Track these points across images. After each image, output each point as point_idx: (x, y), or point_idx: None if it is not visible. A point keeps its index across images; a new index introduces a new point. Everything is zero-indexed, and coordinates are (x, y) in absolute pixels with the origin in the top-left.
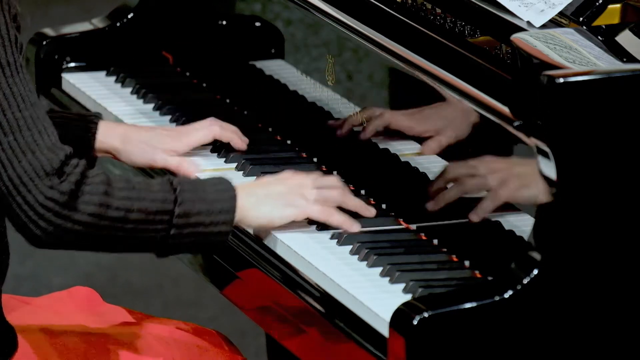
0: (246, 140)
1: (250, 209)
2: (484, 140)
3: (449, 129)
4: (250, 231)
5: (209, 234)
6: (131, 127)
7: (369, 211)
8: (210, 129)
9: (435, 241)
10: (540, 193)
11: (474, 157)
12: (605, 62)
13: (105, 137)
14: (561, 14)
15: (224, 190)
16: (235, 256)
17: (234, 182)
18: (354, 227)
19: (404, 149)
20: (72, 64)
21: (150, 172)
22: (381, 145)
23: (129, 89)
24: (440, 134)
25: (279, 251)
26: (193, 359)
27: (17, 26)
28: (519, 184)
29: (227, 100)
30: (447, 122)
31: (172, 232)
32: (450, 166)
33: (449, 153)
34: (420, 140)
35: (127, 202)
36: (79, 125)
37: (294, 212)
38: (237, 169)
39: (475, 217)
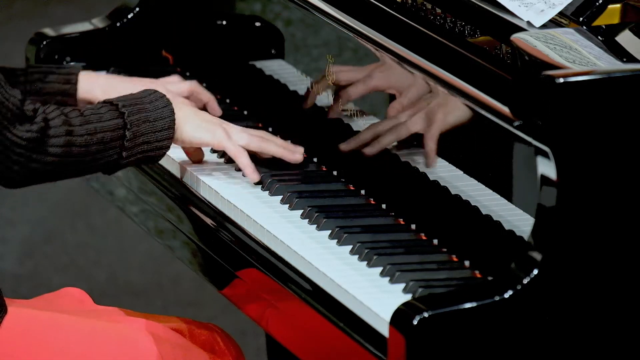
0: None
1: (181, 124)
2: (483, 138)
3: (449, 125)
4: (250, 230)
5: (154, 149)
6: (113, 77)
7: (293, 155)
8: (190, 82)
9: (435, 241)
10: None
11: (469, 154)
12: (605, 62)
13: (88, 87)
14: (561, 14)
15: (163, 107)
16: (235, 256)
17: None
18: (254, 176)
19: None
20: (72, 64)
21: None
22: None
23: None
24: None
25: (279, 251)
26: (188, 355)
27: None
28: (443, 113)
29: (227, 100)
30: (448, 121)
31: (123, 154)
32: (375, 125)
33: (449, 152)
34: (421, 140)
35: (87, 138)
36: (59, 77)
37: (211, 138)
38: (237, 169)
39: (429, 161)
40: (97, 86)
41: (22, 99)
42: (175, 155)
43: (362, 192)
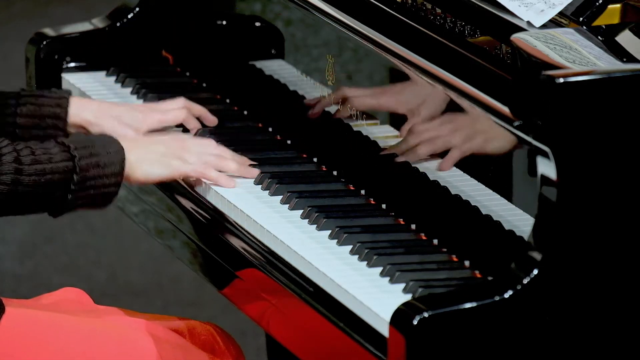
0: (215, 119)
1: (133, 168)
2: (483, 139)
3: (453, 131)
4: (250, 230)
5: (100, 194)
6: (104, 102)
7: (250, 173)
8: (181, 111)
9: (435, 241)
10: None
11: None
12: (605, 62)
13: (79, 111)
14: (561, 14)
15: (115, 153)
16: (235, 256)
17: (119, 140)
18: (230, 183)
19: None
20: (72, 64)
21: None
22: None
23: (129, 89)
24: (441, 135)
25: (279, 251)
26: (188, 355)
27: None
28: (482, 139)
29: (227, 100)
30: (450, 123)
31: (69, 197)
32: (412, 134)
33: (448, 152)
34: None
35: (35, 177)
36: (51, 100)
37: (168, 172)
38: None
39: (446, 166)
40: (88, 111)
41: None
42: None
43: (362, 192)
